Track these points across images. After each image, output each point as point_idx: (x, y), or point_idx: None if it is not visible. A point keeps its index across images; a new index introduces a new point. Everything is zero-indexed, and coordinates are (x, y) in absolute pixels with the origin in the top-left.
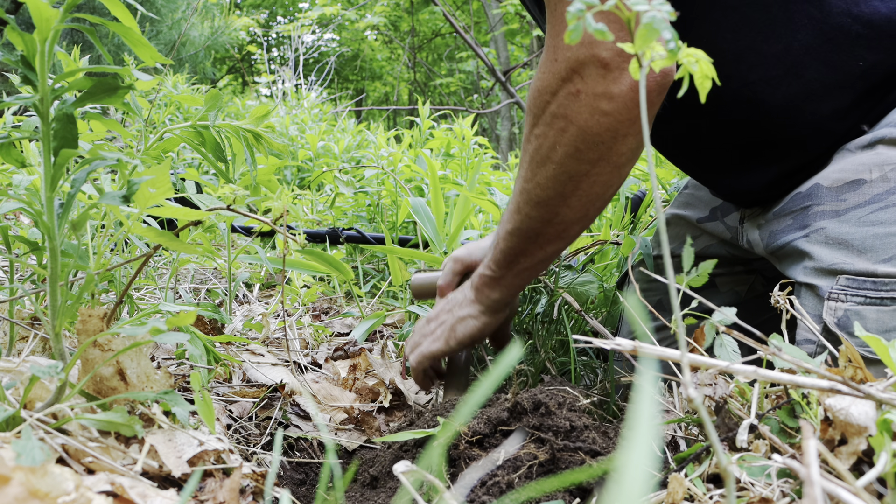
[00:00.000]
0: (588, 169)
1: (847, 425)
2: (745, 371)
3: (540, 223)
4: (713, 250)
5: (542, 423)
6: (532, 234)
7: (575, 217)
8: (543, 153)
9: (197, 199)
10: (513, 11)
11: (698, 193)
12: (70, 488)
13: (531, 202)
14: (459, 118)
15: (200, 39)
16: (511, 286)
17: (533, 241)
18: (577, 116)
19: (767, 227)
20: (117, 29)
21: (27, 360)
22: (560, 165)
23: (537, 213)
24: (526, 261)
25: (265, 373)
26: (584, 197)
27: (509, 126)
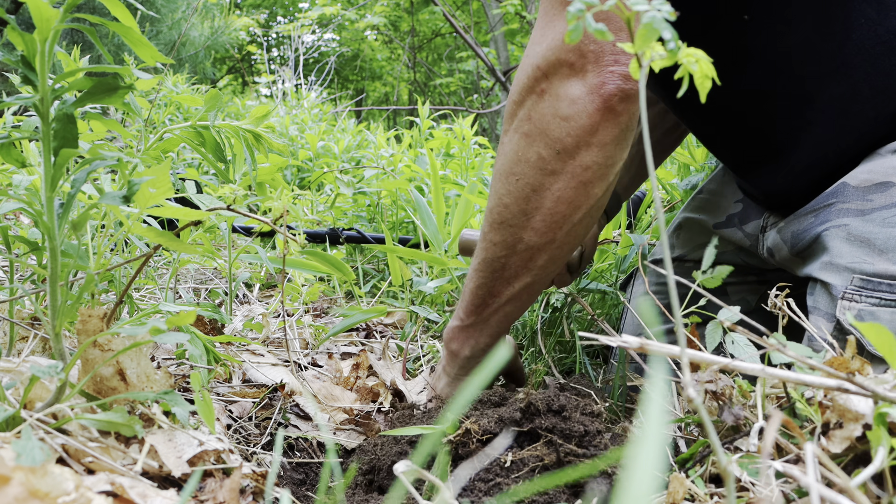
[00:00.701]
0: (550, 182)
1: (845, 410)
2: (751, 369)
3: (504, 250)
4: (727, 258)
5: (555, 426)
6: (497, 265)
7: (540, 242)
8: (507, 163)
9: (197, 199)
10: (513, 11)
11: (715, 199)
12: (70, 488)
13: (494, 224)
14: (459, 118)
15: (200, 39)
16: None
17: (499, 276)
18: (540, 118)
19: (789, 228)
20: (117, 29)
21: (27, 360)
22: (522, 177)
23: (500, 237)
24: (494, 303)
25: (265, 373)
26: (548, 217)
27: None
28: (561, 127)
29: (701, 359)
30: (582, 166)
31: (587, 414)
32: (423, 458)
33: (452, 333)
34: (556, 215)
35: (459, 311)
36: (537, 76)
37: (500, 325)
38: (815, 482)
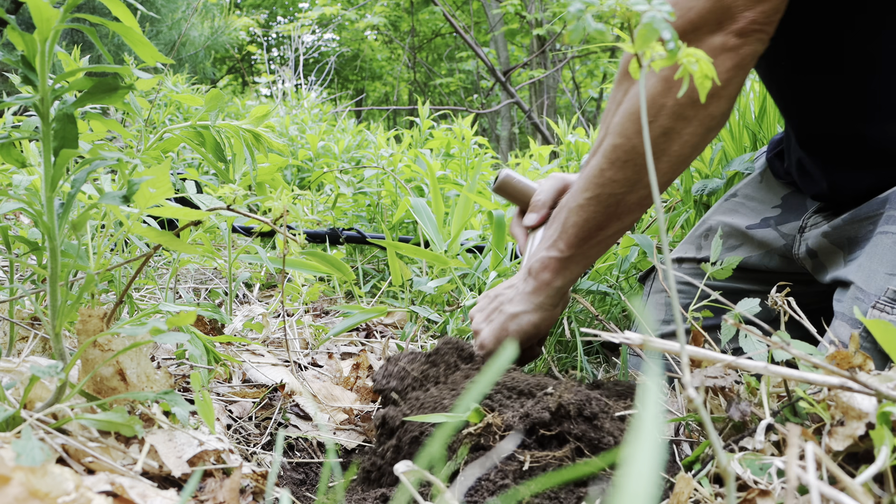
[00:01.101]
0: (682, 127)
1: (848, 408)
2: (753, 366)
3: (623, 188)
4: (753, 261)
5: (584, 434)
6: (613, 202)
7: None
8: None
9: (197, 199)
10: (512, 11)
11: (750, 203)
12: (70, 488)
13: (618, 163)
14: (459, 118)
15: (200, 39)
16: (577, 270)
17: (612, 212)
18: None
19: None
20: (117, 29)
21: (27, 360)
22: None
23: (623, 175)
24: (600, 235)
25: (265, 373)
26: (672, 159)
27: (509, 126)
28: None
29: (703, 356)
30: (710, 115)
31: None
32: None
33: (546, 264)
34: (680, 158)
35: (559, 244)
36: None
37: (596, 257)
38: (815, 480)
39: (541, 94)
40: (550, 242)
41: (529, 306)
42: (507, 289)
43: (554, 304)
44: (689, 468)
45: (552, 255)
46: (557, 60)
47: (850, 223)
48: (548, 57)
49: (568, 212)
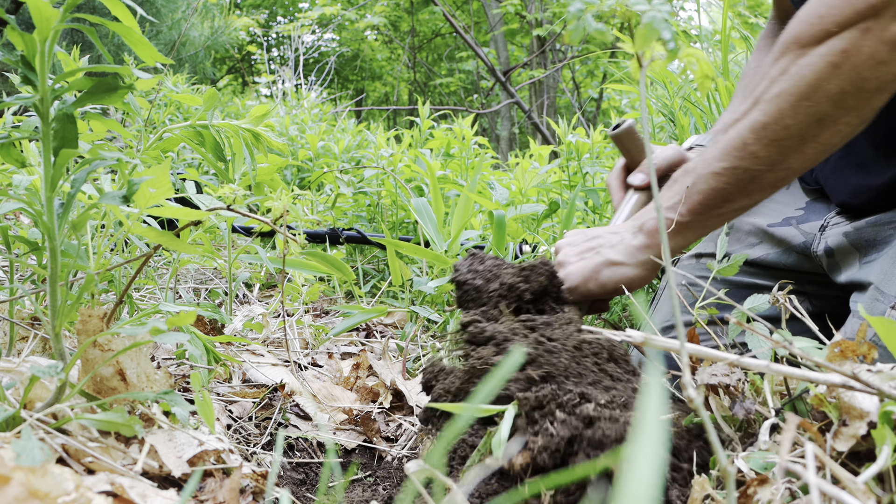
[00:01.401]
0: (840, 116)
1: (850, 408)
2: (755, 365)
3: (765, 166)
4: (771, 258)
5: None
6: (748, 177)
7: (800, 166)
8: (803, 88)
9: (197, 199)
10: (512, 11)
11: (772, 205)
12: (70, 488)
13: (765, 140)
14: (459, 118)
15: (200, 39)
16: (689, 238)
17: (745, 187)
18: (857, 55)
19: (862, 235)
20: (117, 29)
21: (27, 360)
22: (816, 105)
23: (767, 153)
24: (724, 208)
25: (265, 373)
26: (820, 145)
27: (509, 126)
28: (874, 70)
29: (704, 354)
30: (871, 108)
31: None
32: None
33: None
34: (827, 147)
35: (680, 208)
36: (866, 11)
37: (711, 229)
38: (814, 478)
39: (541, 94)
40: (670, 204)
41: (632, 260)
42: (611, 234)
43: (655, 268)
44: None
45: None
46: (557, 60)
47: (873, 226)
48: (548, 57)
49: (697, 177)
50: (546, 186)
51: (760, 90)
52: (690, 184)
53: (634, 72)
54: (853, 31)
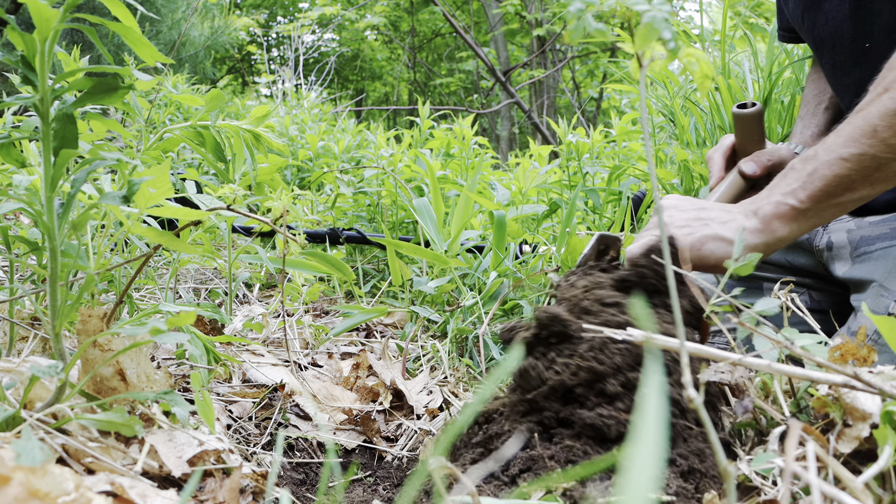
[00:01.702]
0: None
1: (853, 409)
2: (757, 364)
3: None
4: (775, 257)
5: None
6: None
7: None
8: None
9: (197, 199)
10: (512, 11)
11: None
12: (70, 488)
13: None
14: (459, 118)
15: (200, 39)
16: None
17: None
18: None
19: (858, 232)
20: (117, 29)
21: (27, 360)
22: None
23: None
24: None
25: (265, 373)
26: None
27: (509, 126)
28: None
29: (705, 353)
30: None
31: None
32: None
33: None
34: None
35: (799, 193)
36: None
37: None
38: (815, 479)
39: (541, 94)
40: (789, 190)
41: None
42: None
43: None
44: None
45: (789, 202)
46: (557, 60)
47: (874, 225)
48: (548, 57)
49: (819, 164)
50: (546, 186)
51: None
52: (811, 170)
53: (634, 72)
54: None
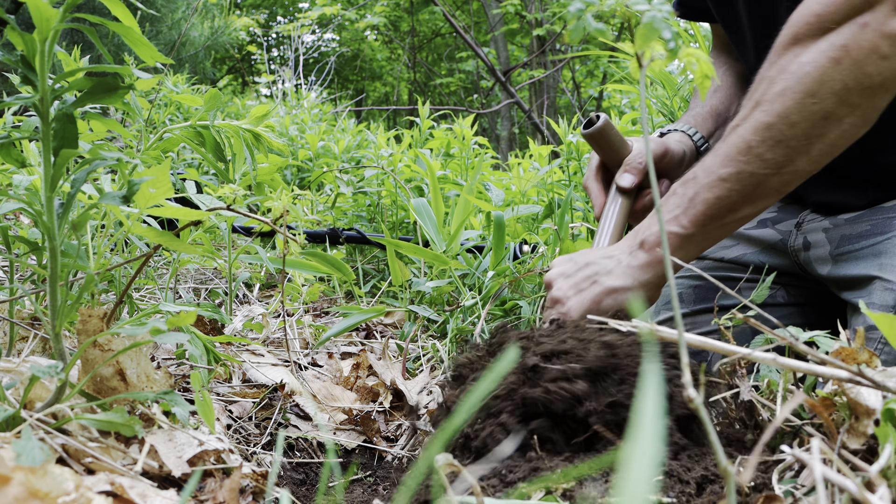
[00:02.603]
0: (845, 114)
1: (857, 404)
2: (762, 358)
3: (771, 169)
4: (748, 257)
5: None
6: (753, 182)
7: (807, 169)
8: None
9: (197, 199)
10: (512, 11)
11: None
12: (70, 488)
13: (770, 140)
14: (459, 118)
15: (200, 39)
16: (693, 251)
17: (749, 193)
18: (857, 50)
19: (838, 231)
20: (117, 29)
21: (27, 360)
22: (820, 100)
23: (773, 154)
24: (729, 217)
25: (265, 373)
26: (826, 146)
27: (509, 126)
28: (877, 65)
29: (710, 346)
30: (874, 107)
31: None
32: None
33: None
34: (834, 148)
35: (682, 220)
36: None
37: (716, 241)
38: (820, 472)
39: (541, 94)
40: (671, 217)
41: (633, 282)
42: (605, 259)
43: (659, 286)
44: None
45: (673, 229)
46: (557, 61)
47: (851, 222)
48: (548, 57)
49: (699, 186)
50: (547, 185)
51: (760, 92)
52: (692, 194)
53: (634, 72)
54: (851, 26)
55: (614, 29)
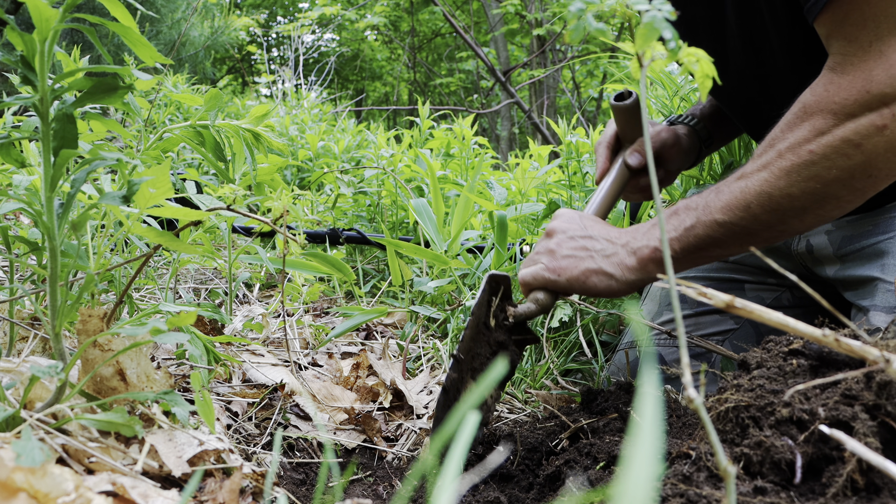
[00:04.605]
0: (845, 195)
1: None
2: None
3: (762, 227)
4: (752, 259)
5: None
6: (745, 233)
7: (796, 230)
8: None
9: (197, 199)
10: (512, 11)
11: None
12: (70, 488)
13: (769, 207)
14: (459, 118)
15: (200, 39)
16: (679, 270)
17: (740, 240)
18: (872, 150)
19: (839, 232)
20: (117, 29)
21: (27, 360)
22: (825, 186)
23: (768, 217)
24: (715, 252)
25: (265, 373)
26: (820, 216)
27: (509, 126)
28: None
29: (758, 312)
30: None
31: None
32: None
33: (654, 256)
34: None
35: (674, 244)
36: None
37: (700, 265)
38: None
39: (541, 94)
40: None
41: (622, 278)
42: (607, 241)
43: (639, 288)
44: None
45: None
46: (557, 60)
47: (854, 223)
48: (548, 57)
49: (695, 221)
50: (548, 185)
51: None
52: (689, 225)
53: (634, 72)
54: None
55: (614, 29)
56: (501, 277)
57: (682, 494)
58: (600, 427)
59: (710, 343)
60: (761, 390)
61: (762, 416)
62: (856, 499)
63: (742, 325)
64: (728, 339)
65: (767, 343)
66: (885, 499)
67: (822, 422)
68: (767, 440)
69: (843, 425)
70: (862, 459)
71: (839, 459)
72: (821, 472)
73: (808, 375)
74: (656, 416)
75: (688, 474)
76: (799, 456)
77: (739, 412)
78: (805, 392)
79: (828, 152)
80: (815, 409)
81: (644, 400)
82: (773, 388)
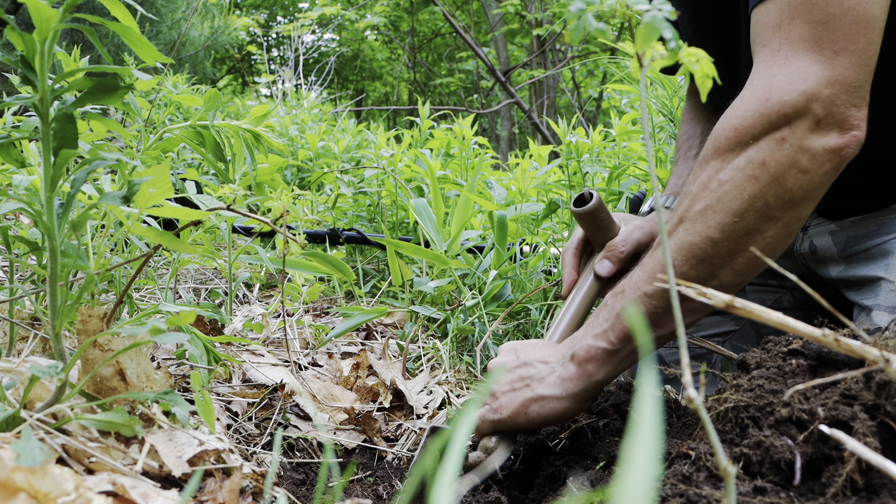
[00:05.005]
0: (767, 228)
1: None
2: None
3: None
4: None
5: None
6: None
7: (733, 282)
8: (727, 202)
9: (197, 200)
10: (512, 11)
11: None
12: (70, 488)
13: (693, 258)
14: (459, 118)
15: (200, 39)
16: (622, 366)
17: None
18: (776, 166)
19: (844, 233)
20: (117, 29)
21: (27, 360)
22: (741, 218)
23: (696, 272)
24: (656, 332)
25: (265, 373)
26: (750, 259)
27: (509, 126)
28: (797, 179)
29: (757, 312)
30: (797, 217)
31: None
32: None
33: (592, 354)
34: (755, 264)
35: (609, 335)
36: (778, 121)
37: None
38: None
39: (541, 94)
40: (600, 331)
41: (561, 393)
42: (541, 363)
43: (588, 398)
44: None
45: (600, 345)
46: (557, 60)
47: (858, 223)
48: (548, 57)
49: (625, 302)
50: (548, 185)
51: (683, 208)
52: (619, 310)
53: (635, 72)
54: (768, 142)
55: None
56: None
57: (682, 494)
58: (600, 427)
59: (711, 343)
60: (761, 390)
61: (762, 416)
62: (855, 499)
63: (742, 326)
64: (728, 340)
65: (767, 343)
66: (884, 499)
67: (822, 422)
68: (767, 440)
69: (842, 425)
70: (861, 459)
71: (839, 459)
72: (820, 472)
73: (807, 375)
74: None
75: (687, 474)
76: (798, 456)
77: (739, 412)
78: (804, 392)
79: (736, 177)
80: (815, 409)
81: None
82: (772, 389)
